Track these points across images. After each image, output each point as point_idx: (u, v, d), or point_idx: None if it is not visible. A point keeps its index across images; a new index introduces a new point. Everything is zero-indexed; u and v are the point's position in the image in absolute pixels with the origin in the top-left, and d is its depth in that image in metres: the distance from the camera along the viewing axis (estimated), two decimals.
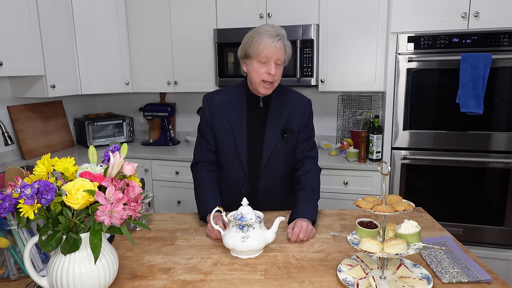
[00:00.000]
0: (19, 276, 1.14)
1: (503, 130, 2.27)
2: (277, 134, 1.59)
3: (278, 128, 1.59)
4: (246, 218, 1.24)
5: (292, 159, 1.67)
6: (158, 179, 2.93)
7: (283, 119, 1.60)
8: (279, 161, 1.62)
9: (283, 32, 1.51)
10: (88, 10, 2.87)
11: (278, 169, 1.64)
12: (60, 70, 2.71)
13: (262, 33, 1.47)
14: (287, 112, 1.61)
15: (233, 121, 1.59)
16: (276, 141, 1.59)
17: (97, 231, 0.95)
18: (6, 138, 2.34)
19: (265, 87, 1.53)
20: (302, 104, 1.64)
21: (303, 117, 1.63)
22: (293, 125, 1.61)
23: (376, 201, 1.12)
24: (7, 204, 0.92)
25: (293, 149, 1.65)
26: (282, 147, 1.61)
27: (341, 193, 2.56)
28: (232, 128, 1.59)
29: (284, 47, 1.50)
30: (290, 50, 1.54)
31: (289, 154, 1.64)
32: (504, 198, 2.31)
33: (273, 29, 1.49)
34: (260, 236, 1.24)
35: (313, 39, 2.59)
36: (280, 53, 1.48)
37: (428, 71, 2.33)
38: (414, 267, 1.15)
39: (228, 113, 1.60)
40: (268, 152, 1.59)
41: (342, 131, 3.03)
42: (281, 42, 1.48)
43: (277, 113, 1.60)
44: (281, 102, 1.61)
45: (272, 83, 1.53)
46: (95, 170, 1.02)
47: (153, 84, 3.10)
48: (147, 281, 1.13)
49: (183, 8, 2.90)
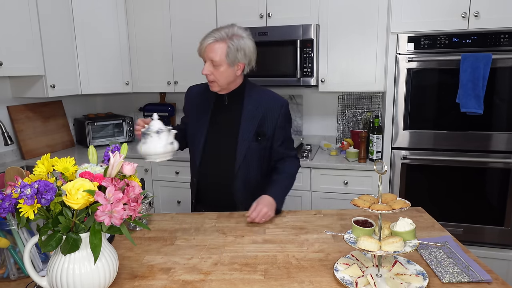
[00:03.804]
0: (19, 276, 1.14)
1: (503, 130, 2.27)
2: (251, 135, 1.62)
3: (252, 129, 1.62)
4: (149, 129, 1.41)
5: (267, 161, 1.69)
6: (158, 179, 2.93)
7: (255, 122, 1.62)
8: (253, 162, 1.65)
9: (225, 34, 1.51)
10: (88, 10, 2.87)
11: (252, 170, 1.66)
12: (60, 70, 2.71)
13: (206, 35, 1.54)
14: (261, 115, 1.62)
15: (198, 114, 1.69)
16: (249, 142, 1.62)
17: (97, 231, 0.95)
18: (6, 138, 2.34)
19: (209, 85, 1.61)
20: (276, 106, 1.64)
21: (277, 120, 1.64)
22: (266, 127, 1.63)
23: (372, 200, 1.13)
24: (7, 204, 0.92)
25: (268, 151, 1.67)
26: (255, 148, 1.63)
27: (341, 193, 2.56)
28: (196, 119, 1.70)
29: (220, 48, 1.49)
30: (237, 52, 1.52)
31: (263, 156, 1.67)
32: (504, 198, 2.31)
33: (216, 31, 1.52)
34: (156, 143, 1.38)
35: (313, 39, 2.59)
36: (212, 54, 1.50)
37: (428, 71, 2.33)
38: (408, 264, 1.16)
39: (199, 105, 1.71)
40: (241, 153, 1.62)
41: (342, 131, 3.03)
42: (214, 44, 1.49)
43: (251, 115, 1.62)
44: (255, 103, 1.63)
45: (212, 82, 1.57)
46: (95, 170, 1.02)
47: (153, 84, 3.10)
48: (147, 281, 1.13)
49: (183, 8, 2.90)
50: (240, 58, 1.54)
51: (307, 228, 1.49)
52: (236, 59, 1.53)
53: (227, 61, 1.52)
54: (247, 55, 1.56)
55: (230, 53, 1.51)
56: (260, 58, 2.74)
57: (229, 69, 1.55)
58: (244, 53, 1.54)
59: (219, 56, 1.51)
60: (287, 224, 1.53)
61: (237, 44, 1.52)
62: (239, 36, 1.52)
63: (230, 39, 1.51)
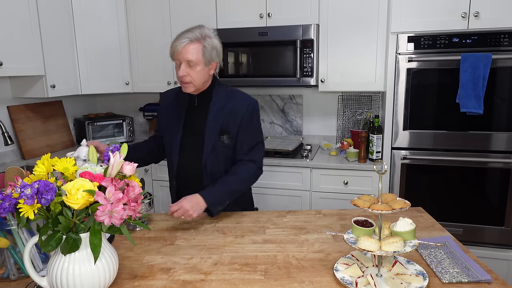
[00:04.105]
0: (19, 276, 1.14)
1: (503, 130, 2.27)
2: (215, 135, 1.62)
3: (216, 129, 1.62)
4: (78, 157, 1.36)
5: (232, 161, 1.69)
6: (158, 179, 2.93)
7: (220, 121, 1.63)
8: (218, 161, 1.65)
9: (198, 34, 1.54)
10: (88, 10, 2.86)
11: (219, 168, 1.66)
12: (60, 70, 2.71)
13: (176, 37, 1.56)
14: (226, 114, 1.63)
15: (172, 118, 1.71)
16: (214, 142, 1.63)
17: (97, 231, 0.95)
18: (6, 138, 2.34)
19: (183, 86, 1.60)
20: (242, 106, 1.64)
21: (242, 119, 1.63)
22: (231, 127, 1.63)
23: (372, 200, 1.13)
24: (7, 204, 0.92)
25: (232, 150, 1.67)
26: (220, 148, 1.64)
27: (341, 193, 2.56)
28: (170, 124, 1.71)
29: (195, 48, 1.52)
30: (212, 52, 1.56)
31: (229, 155, 1.67)
32: (504, 198, 2.31)
33: (188, 32, 1.54)
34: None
35: (313, 39, 2.59)
36: (190, 55, 1.52)
37: (428, 71, 2.33)
38: (408, 264, 1.16)
39: (172, 109, 1.73)
40: (207, 153, 1.63)
41: (342, 131, 3.03)
42: (189, 44, 1.52)
43: (216, 115, 1.63)
44: (221, 103, 1.64)
45: (188, 83, 1.58)
46: (95, 170, 1.02)
47: (153, 84, 3.10)
48: (147, 281, 1.13)
49: (183, 8, 2.90)
50: (214, 57, 1.59)
51: (307, 228, 1.49)
52: (211, 58, 1.58)
53: (204, 60, 1.55)
54: (218, 54, 1.61)
55: (206, 52, 1.55)
56: (261, 58, 2.76)
57: (204, 69, 1.58)
58: (216, 52, 1.60)
59: (195, 56, 1.53)
60: (287, 224, 1.53)
61: (211, 44, 1.56)
62: (209, 37, 1.57)
63: (204, 39, 1.54)
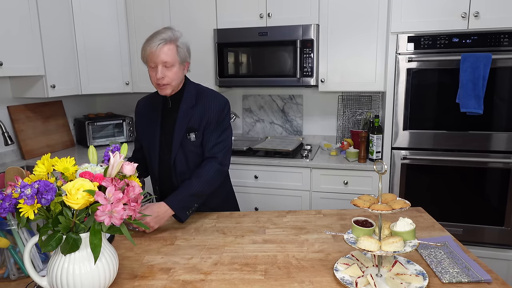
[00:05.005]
0: (19, 276, 1.14)
1: (503, 130, 2.27)
2: (183, 133, 1.63)
3: (184, 127, 1.63)
4: None
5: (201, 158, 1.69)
6: None
7: (188, 119, 1.63)
8: (187, 161, 1.66)
9: (171, 35, 1.55)
10: (88, 10, 2.86)
11: (186, 169, 1.66)
12: (60, 70, 2.71)
13: (148, 40, 1.56)
14: (193, 113, 1.64)
15: (149, 123, 1.70)
16: (181, 140, 1.64)
17: (97, 231, 0.95)
18: (6, 138, 2.34)
19: (161, 89, 1.60)
20: (211, 104, 1.65)
21: (209, 117, 1.64)
22: (198, 125, 1.64)
23: (372, 200, 1.13)
24: (7, 204, 0.92)
25: (201, 149, 1.67)
26: (189, 146, 1.64)
27: (341, 193, 2.56)
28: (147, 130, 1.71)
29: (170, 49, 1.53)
30: (185, 52, 1.59)
31: (198, 154, 1.66)
32: (504, 198, 2.31)
33: (160, 34, 1.54)
34: None
35: (313, 39, 2.59)
36: (166, 56, 1.53)
37: (428, 71, 2.33)
38: (408, 264, 1.16)
39: (147, 114, 1.73)
40: (175, 151, 1.64)
41: (342, 131, 3.03)
42: (163, 46, 1.52)
43: (185, 113, 1.64)
44: (191, 102, 1.65)
45: (166, 85, 1.58)
46: (95, 170, 1.02)
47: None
48: (147, 281, 1.13)
49: (183, 8, 2.90)
50: (187, 57, 1.62)
51: (307, 228, 1.49)
52: (185, 58, 1.60)
53: (179, 60, 1.57)
54: (190, 54, 1.64)
55: (180, 52, 1.57)
56: (260, 58, 2.76)
57: (180, 69, 1.59)
58: (189, 53, 1.63)
59: (171, 57, 1.54)
60: (287, 224, 1.53)
61: (183, 43, 1.58)
62: (180, 37, 1.59)
63: (177, 40, 1.56)
